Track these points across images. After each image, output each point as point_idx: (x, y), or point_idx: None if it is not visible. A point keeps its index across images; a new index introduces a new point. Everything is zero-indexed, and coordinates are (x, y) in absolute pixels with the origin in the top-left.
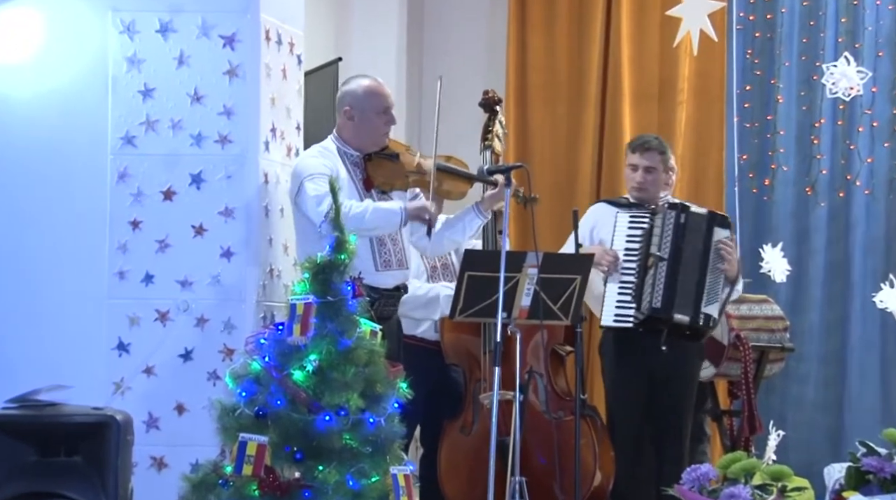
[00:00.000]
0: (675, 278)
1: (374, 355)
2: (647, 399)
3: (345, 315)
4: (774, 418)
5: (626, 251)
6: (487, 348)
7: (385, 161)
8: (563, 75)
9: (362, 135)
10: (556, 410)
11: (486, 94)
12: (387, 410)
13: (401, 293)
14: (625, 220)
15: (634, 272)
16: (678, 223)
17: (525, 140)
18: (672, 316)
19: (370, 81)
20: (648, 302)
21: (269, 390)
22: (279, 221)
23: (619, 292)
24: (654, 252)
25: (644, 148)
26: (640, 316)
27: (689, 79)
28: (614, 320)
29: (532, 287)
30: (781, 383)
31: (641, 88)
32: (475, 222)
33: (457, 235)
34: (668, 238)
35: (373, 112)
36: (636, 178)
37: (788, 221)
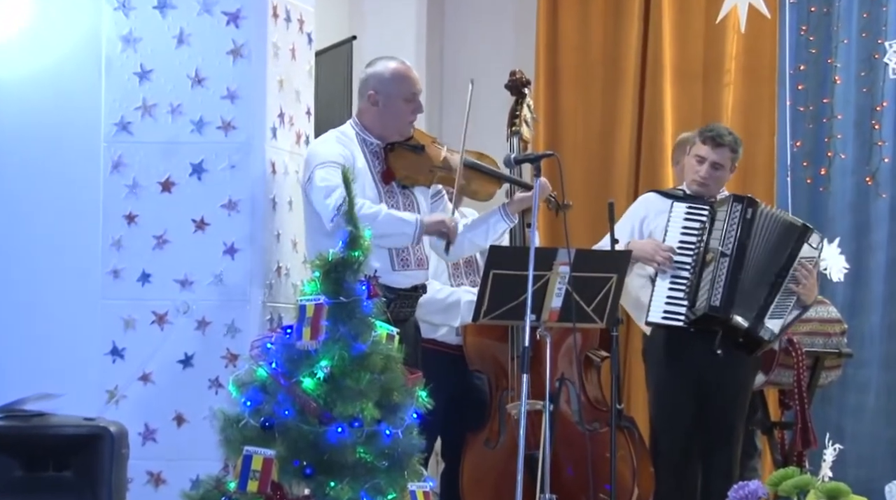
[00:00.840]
0: (738, 276)
1: (390, 361)
2: (696, 409)
3: (359, 317)
4: (831, 430)
5: (680, 245)
6: (514, 354)
7: (408, 152)
8: (597, 54)
9: (387, 122)
10: (589, 421)
11: (514, 75)
12: (405, 421)
13: (419, 294)
14: (681, 210)
15: (690, 267)
16: (744, 218)
17: (556, 126)
18: (731, 316)
19: (398, 64)
20: (706, 300)
21: (277, 400)
22: (287, 215)
23: (670, 287)
24: (715, 247)
25: (717, 143)
26: (693, 315)
27: (736, 57)
28: (663, 318)
29: (563, 287)
30: (838, 392)
31: (684, 67)
32: (500, 226)
33: (479, 239)
34: (733, 233)
35: (400, 98)
36: (700, 171)
37: (846, 215)
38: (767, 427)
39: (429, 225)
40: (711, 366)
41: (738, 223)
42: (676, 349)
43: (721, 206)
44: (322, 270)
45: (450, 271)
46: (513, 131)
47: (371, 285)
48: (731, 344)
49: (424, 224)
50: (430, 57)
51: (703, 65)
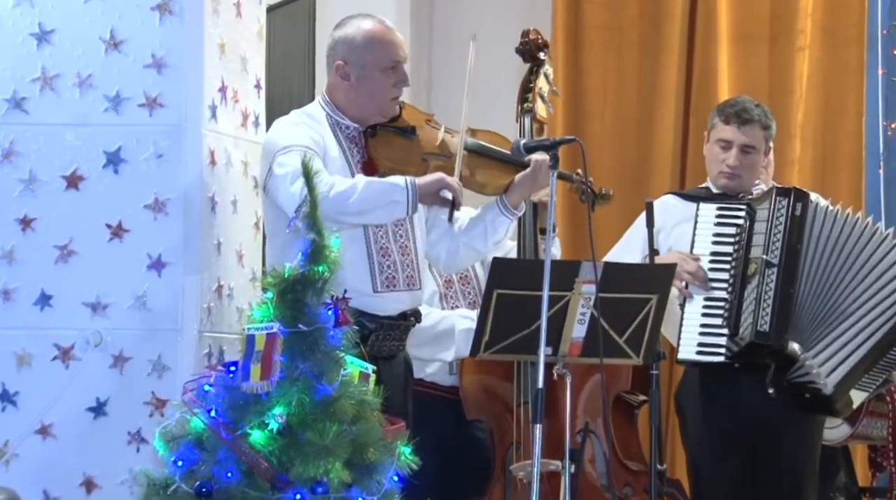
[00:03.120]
0: (790, 290)
1: (364, 408)
2: (748, 468)
3: (324, 351)
4: None
5: (713, 257)
6: (524, 398)
7: (395, 136)
8: (632, 11)
9: (362, 100)
10: (621, 485)
11: (526, 36)
12: (382, 485)
13: (410, 323)
14: (710, 213)
15: (728, 285)
16: (792, 215)
17: (579, 102)
18: (785, 344)
19: (373, 25)
20: (751, 325)
21: (217, 458)
22: (231, 219)
23: (704, 312)
24: (757, 256)
25: (743, 119)
26: (737, 345)
27: (812, 14)
28: (698, 353)
29: (588, 311)
30: None
31: (745, 28)
32: (501, 223)
33: (477, 242)
34: (779, 235)
35: (376, 68)
36: (728, 160)
37: None
38: (854, 495)
39: (424, 186)
40: (764, 411)
41: (786, 223)
42: (717, 391)
43: (761, 203)
44: (276, 290)
45: (441, 291)
46: (524, 109)
47: (339, 310)
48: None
49: (419, 185)
50: (416, 13)
51: (770, 23)
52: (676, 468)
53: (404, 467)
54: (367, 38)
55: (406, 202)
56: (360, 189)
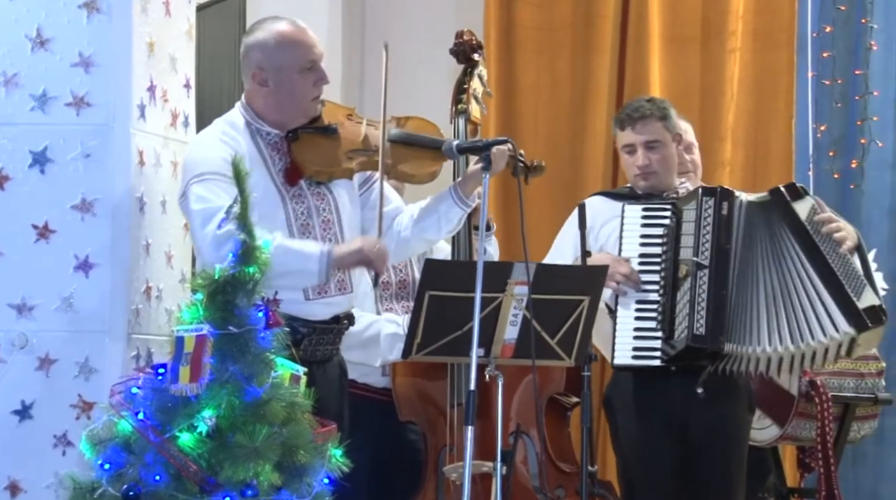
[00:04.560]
0: (724, 292)
1: (295, 410)
2: (678, 470)
3: (254, 353)
4: (864, 498)
5: (641, 259)
6: (456, 400)
7: (318, 138)
8: (565, 12)
9: (284, 104)
10: (553, 487)
11: (461, 37)
12: (313, 488)
13: (343, 326)
14: (636, 214)
15: (659, 287)
16: (719, 215)
17: (511, 104)
18: (721, 346)
19: (285, 26)
20: (687, 328)
21: (144, 461)
22: (160, 219)
23: (637, 316)
24: (687, 258)
25: (634, 118)
26: (672, 349)
27: (743, 17)
28: (634, 357)
29: (520, 313)
30: (874, 449)
31: (677, 29)
32: (454, 213)
33: (430, 232)
34: (708, 236)
35: (294, 70)
36: (637, 162)
37: (884, 220)
38: (783, 495)
39: (342, 257)
40: (695, 412)
41: (713, 223)
42: (649, 394)
43: (687, 202)
44: (206, 291)
45: (377, 293)
46: (458, 110)
47: (270, 311)
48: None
49: (336, 257)
50: (348, 13)
51: (701, 25)
52: (608, 469)
53: (335, 469)
54: (279, 41)
55: (318, 273)
56: (273, 249)
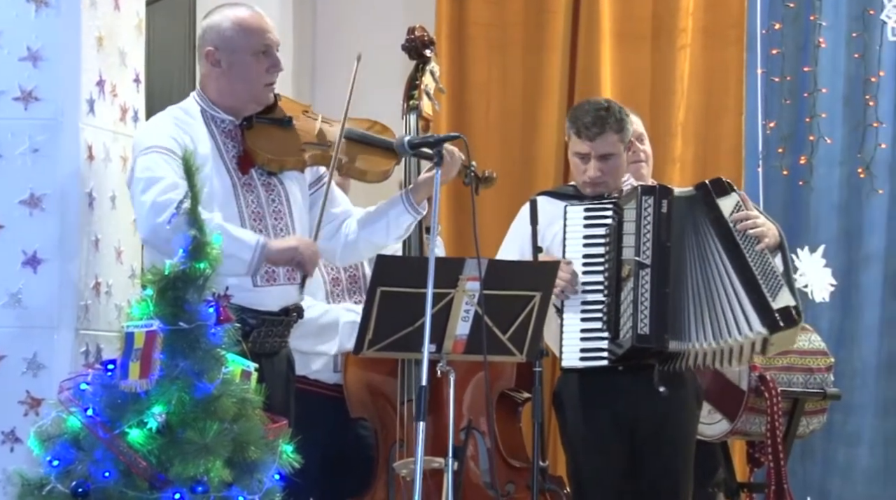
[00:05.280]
0: (666, 290)
1: (246, 406)
2: (627, 466)
3: (205, 349)
4: (813, 493)
5: (585, 260)
6: (408, 396)
7: (272, 128)
8: (516, 8)
9: (236, 87)
10: (504, 482)
11: (413, 33)
12: (264, 484)
13: (292, 319)
14: (578, 215)
15: (604, 287)
16: (659, 213)
17: (463, 99)
18: (666, 345)
19: (242, 11)
20: (631, 328)
21: (93, 458)
22: (109, 215)
23: (583, 317)
24: (629, 257)
25: (593, 132)
26: (619, 349)
27: (693, 14)
28: (582, 359)
29: (472, 309)
30: (823, 443)
31: (627, 26)
32: (405, 220)
33: (378, 236)
34: (649, 235)
35: (247, 52)
36: (589, 171)
37: (833, 217)
38: (733, 490)
39: (275, 252)
40: (642, 409)
41: (653, 221)
42: (596, 392)
43: (628, 202)
44: (156, 287)
45: (328, 288)
46: (410, 106)
47: (221, 307)
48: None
49: (269, 250)
50: (300, 8)
51: (652, 22)
52: (559, 464)
53: (286, 465)
54: (236, 23)
55: (250, 263)
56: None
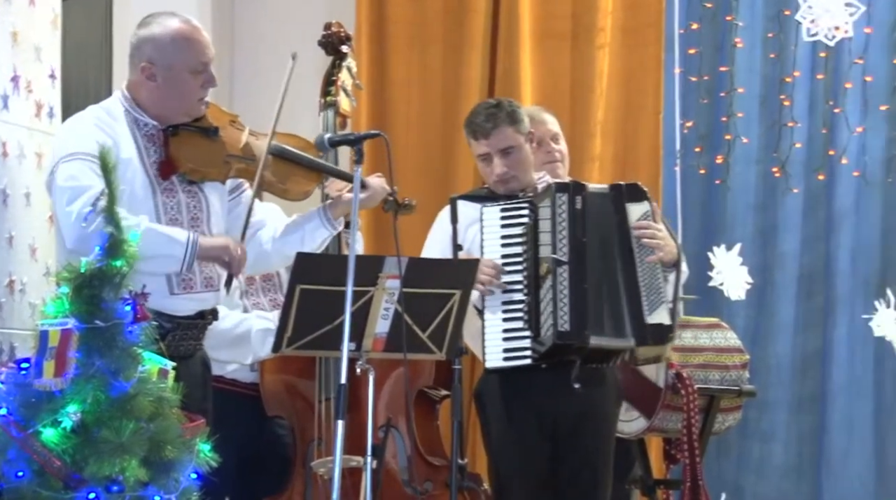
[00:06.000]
0: (584, 286)
1: (162, 405)
2: (548, 464)
3: (121, 348)
4: (728, 490)
5: (504, 260)
6: (326, 395)
7: (197, 137)
8: (436, 6)
9: (169, 101)
10: (422, 480)
11: (329, 28)
12: (180, 483)
13: (207, 322)
14: (495, 215)
15: (524, 286)
16: (573, 209)
17: (383, 97)
18: (588, 341)
19: (181, 24)
20: (552, 325)
21: (7, 457)
22: (23, 212)
23: (504, 317)
24: (546, 255)
25: (485, 129)
26: (541, 347)
27: (612, 13)
28: (505, 359)
29: (392, 307)
30: (738, 440)
31: (547, 25)
32: (320, 235)
33: (291, 249)
34: (564, 232)
35: (185, 70)
36: (495, 170)
37: (749, 215)
38: (649, 487)
39: (206, 249)
40: (563, 406)
41: (568, 218)
42: (517, 390)
43: (542, 200)
44: (72, 285)
45: (243, 288)
46: (327, 103)
47: (138, 306)
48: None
49: (201, 246)
50: (217, 5)
51: (571, 21)
52: (477, 462)
53: (203, 464)
54: (175, 39)
55: (182, 260)
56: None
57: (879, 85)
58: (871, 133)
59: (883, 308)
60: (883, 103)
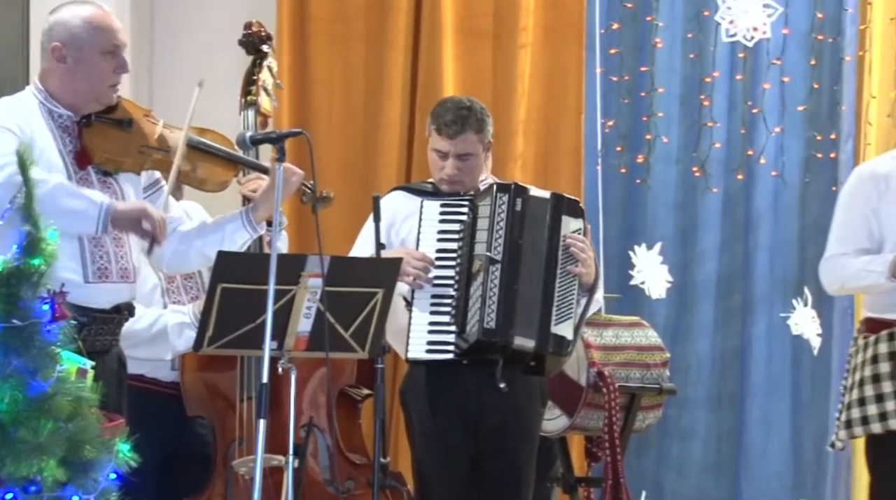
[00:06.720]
0: (514, 286)
1: (81, 405)
2: (471, 463)
3: (39, 347)
4: (648, 487)
5: (438, 254)
6: (247, 394)
7: (111, 128)
8: (358, 3)
9: (80, 85)
10: (344, 479)
11: (249, 27)
12: (99, 483)
13: (123, 317)
14: (434, 210)
15: (454, 282)
16: (513, 211)
17: (305, 96)
18: (512, 340)
19: (93, 9)
20: (477, 322)
21: None
22: None
23: (432, 310)
24: (481, 253)
25: (454, 131)
26: (465, 343)
27: (534, 12)
28: (427, 351)
29: (314, 305)
30: (658, 438)
31: (469, 23)
32: (240, 235)
33: (210, 249)
34: (501, 232)
35: (96, 51)
36: (447, 169)
37: (669, 214)
38: (570, 484)
39: (123, 211)
40: (487, 405)
41: (507, 219)
42: (443, 387)
43: (483, 199)
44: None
45: (163, 285)
46: (248, 102)
47: (56, 304)
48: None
49: (116, 209)
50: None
51: (493, 20)
52: (399, 460)
53: (123, 464)
54: (86, 21)
55: (96, 219)
56: (49, 188)
57: (797, 85)
58: (789, 133)
59: (800, 307)
60: (800, 104)
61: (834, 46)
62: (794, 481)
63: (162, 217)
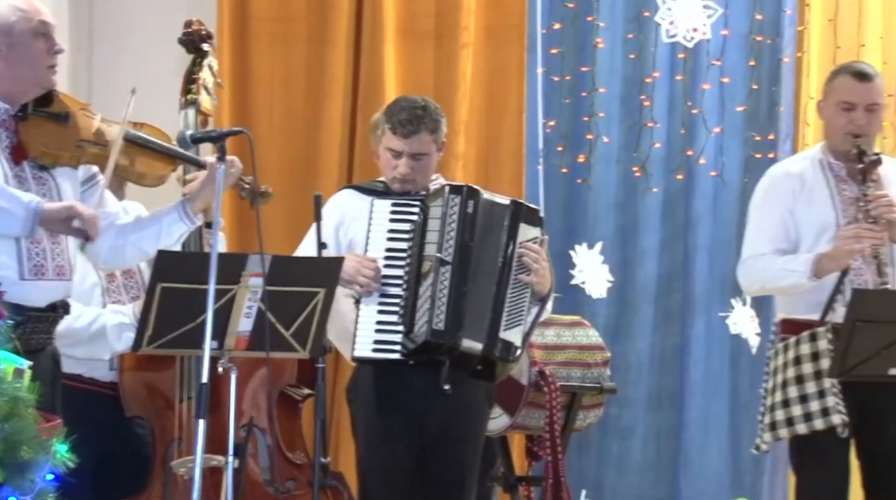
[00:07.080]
0: (464, 288)
1: (18, 405)
2: (415, 462)
3: None
4: (588, 486)
5: (388, 254)
6: (187, 394)
7: (47, 122)
8: (300, 3)
9: (18, 70)
10: (285, 479)
11: (189, 26)
12: (36, 484)
13: (58, 315)
14: (385, 209)
15: (403, 282)
16: (465, 213)
17: (246, 95)
18: (459, 342)
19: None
20: (426, 323)
21: None
22: None
23: (380, 310)
24: (431, 254)
25: (408, 130)
26: (412, 343)
27: (476, 13)
28: (374, 350)
29: (255, 305)
30: (598, 437)
31: (411, 24)
32: (177, 229)
33: (147, 243)
34: (452, 233)
35: (27, 34)
36: (400, 168)
37: (610, 214)
38: (511, 483)
39: (51, 212)
40: (434, 406)
41: (458, 221)
42: (389, 387)
43: (435, 199)
44: None
45: (103, 284)
46: (188, 100)
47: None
48: (465, 374)
49: (45, 209)
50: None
51: (435, 20)
52: (340, 460)
53: (60, 465)
54: (10, 6)
55: (24, 220)
56: None
57: (736, 86)
58: (729, 134)
59: (739, 306)
60: (740, 104)
61: (773, 48)
62: (732, 479)
63: (93, 214)
